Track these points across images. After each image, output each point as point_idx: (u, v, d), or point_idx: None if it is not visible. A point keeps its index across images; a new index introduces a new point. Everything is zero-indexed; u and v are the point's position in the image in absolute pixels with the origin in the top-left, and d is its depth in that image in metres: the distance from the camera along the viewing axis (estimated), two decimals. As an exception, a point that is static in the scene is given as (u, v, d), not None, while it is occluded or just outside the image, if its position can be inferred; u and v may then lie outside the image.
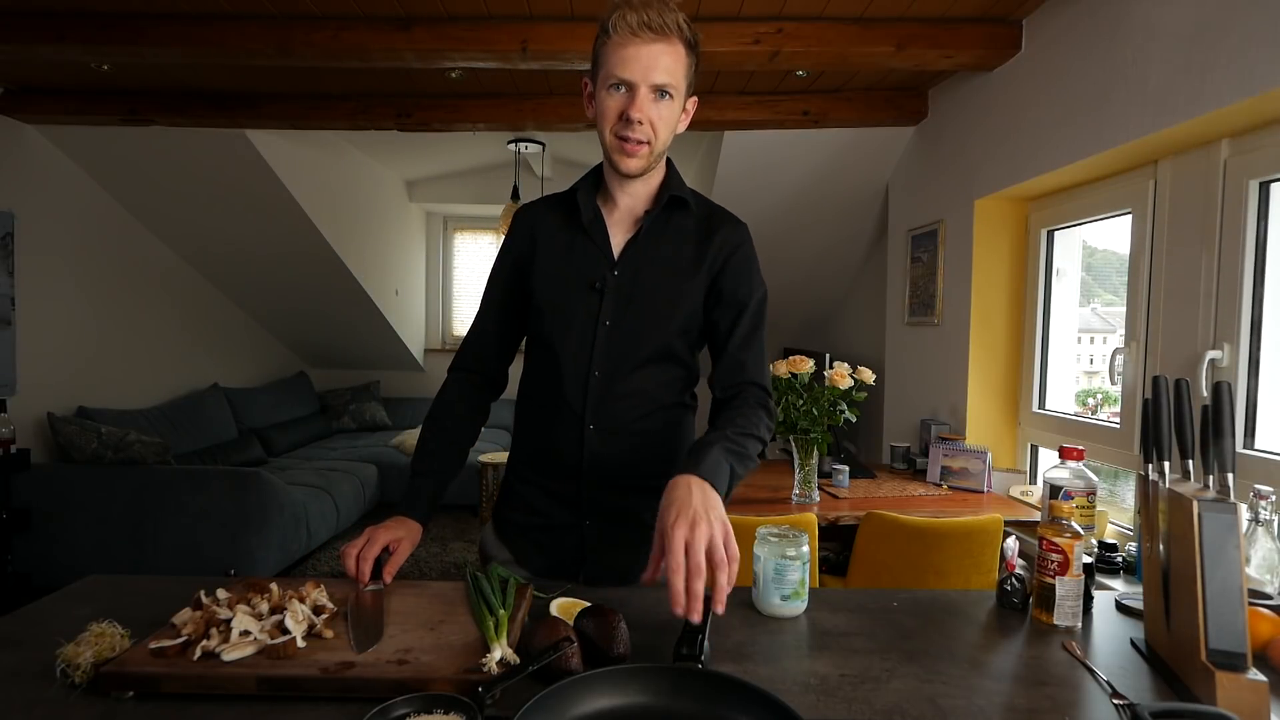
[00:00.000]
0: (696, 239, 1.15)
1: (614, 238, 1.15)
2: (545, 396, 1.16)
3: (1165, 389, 0.94)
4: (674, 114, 1.07)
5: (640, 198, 1.15)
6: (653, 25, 1.00)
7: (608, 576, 1.16)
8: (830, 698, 0.81)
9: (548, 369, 1.15)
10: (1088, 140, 2.02)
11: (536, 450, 1.19)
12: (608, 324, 1.11)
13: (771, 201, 3.69)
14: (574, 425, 1.13)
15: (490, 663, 0.80)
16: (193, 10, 2.34)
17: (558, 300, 1.14)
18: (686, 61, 1.05)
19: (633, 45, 1.01)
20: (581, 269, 1.13)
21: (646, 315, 1.12)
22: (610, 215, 1.16)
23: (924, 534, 1.90)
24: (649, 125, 1.04)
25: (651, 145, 1.06)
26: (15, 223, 3.24)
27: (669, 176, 1.16)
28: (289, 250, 4.31)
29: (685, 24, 1.03)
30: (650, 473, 1.10)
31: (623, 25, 1.00)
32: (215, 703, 0.78)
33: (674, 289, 1.13)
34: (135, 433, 3.35)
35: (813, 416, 2.12)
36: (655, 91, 1.03)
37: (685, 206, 1.16)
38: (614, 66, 1.02)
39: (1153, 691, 0.84)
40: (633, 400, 1.13)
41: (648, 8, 1.00)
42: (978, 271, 2.65)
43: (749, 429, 1.04)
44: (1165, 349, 1.90)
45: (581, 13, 2.34)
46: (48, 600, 1.07)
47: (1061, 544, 1.00)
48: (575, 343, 1.12)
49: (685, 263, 1.13)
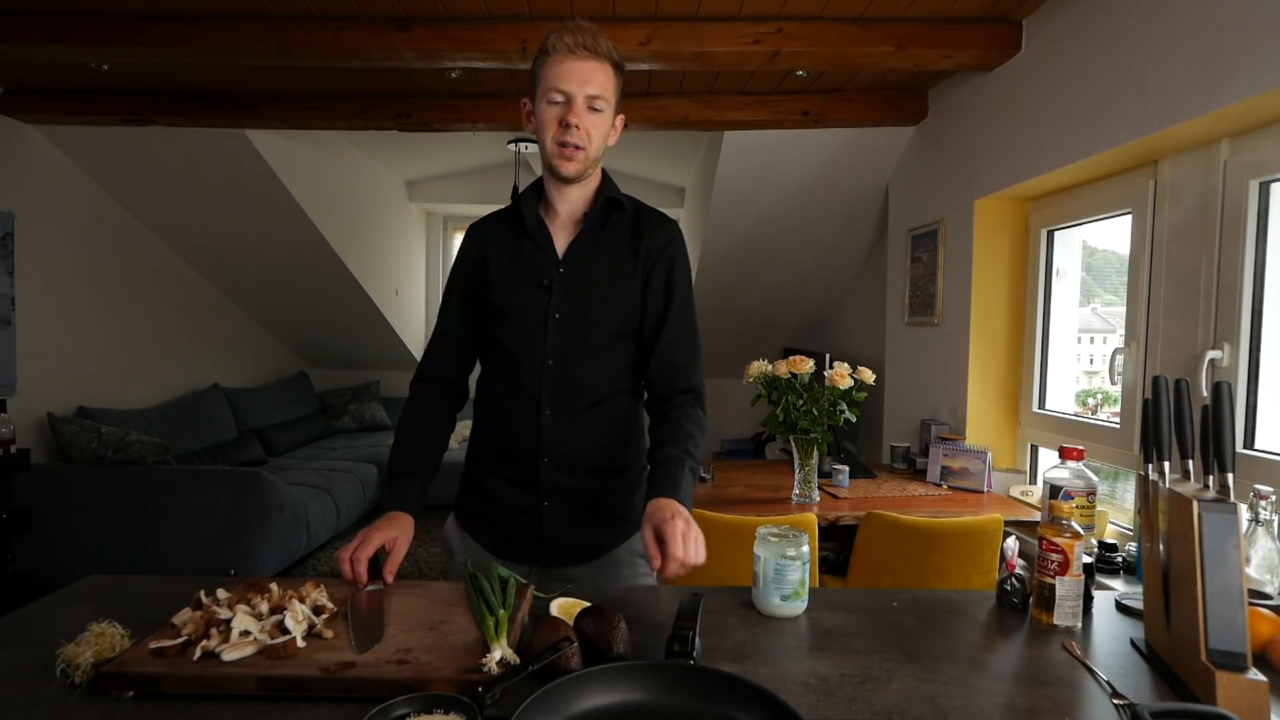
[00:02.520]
0: (631, 237, 1.26)
1: (558, 240, 1.25)
2: (503, 389, 1.25)
3: (1165, 389, 0.94)
4: (605, 124, 1.20)
5: (578, 202, 1.26)
6: (587, 45, 1.14)
7: (568, 556, 1.25)
8: (830, 698, 0.81)
9: (505, 364, 1.24)
10: (1088, 140, 2.02)
11: (496, 440, 1.27)
12: (557, 316, 1.21)
13: (771, 201, 3.69)
14: (532, 413, 1.21)
15: (490, 663, 0.80)
16: (193, 10, 2.34)
17: (510, 300, 1.23)
18: (615, 81, 1.19)
19: (569, 62, 1.14)
20: (530, 270, 1.23)
21: (592, 307, 1.22)
22: (553, 222, 1.26)
23: (924, 534, 1.90)
24: (585, 131, 1.16)
25: (587, 151, 1.17)
26: (15, 223, 3.24)
27: (604, 183, 1.27)
28: (289, 250, 4.31)
29: (613, 49, 1.18)
30: (603, 454, 1.24)
31: (561, 45, 1.14)
32: (215, 703, 0.78)
33: (615, 283, 1.23)
34: (135, 433, 3.35)
35: (813, 416, 2.12)
36: (589, 102, 1.16)
37: (621, 208, 1.27)
38: (553, 80, 1.15)
39: (1153, 691, 0.84)
40: (585, 387, 1.22)
41: (582, 32, 1.14)
42: (978, 271, 2.65)
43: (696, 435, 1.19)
44: (1165, 349, 1.90)
45: (581, 13, 2.33)
46: (48, 600, 1.07)
47: (1061, 544, 1.00)
48: (529, 336, 1.22)
49: (623, 259, 1.24)
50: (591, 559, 1.26)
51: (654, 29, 2.36)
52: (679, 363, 1.24)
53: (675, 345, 1.24)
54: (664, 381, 1.24)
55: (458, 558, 1.30)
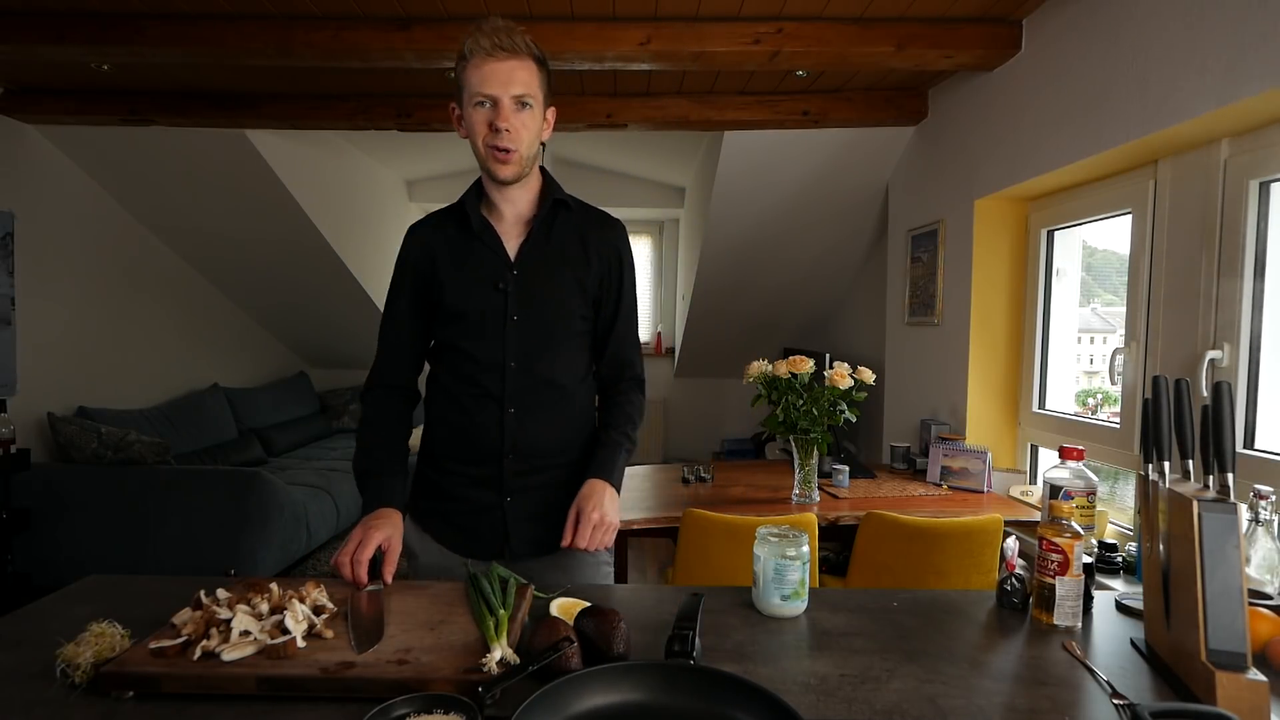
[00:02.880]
0: (579, 237, 1.27)
1: (507, 243, 1.25)
2: (461, 389, 1.25)
3: (1165, 389, 0.94)
4: (536, 121, 1.19)
5: (523, 204, 1.26)
6: (505, 45, 1.13)
7: (532, 550, 1.27)
8: (830, 698, 0.81)
9: (463, 365, 1.25)
10: (1088, 140, 2.02)
11: (457, 440, 1.27)
12: (515, 319, 1.23)
13: (771, 201, 3.69)
14: (495, 412, 1.23)
15: (490, 663, 0.80)
16: (193, 10, 2.34)
17: (466, 304, 1.23)
18: (539, 75, 1.18)
19: (490, 64, 1.13)
20: (483, 273, 1.23)
21: (548, 309, 1.24)
22: (499, 223, 1.26)
23: (924, 534, 1.90)
24: (515, 132, 1.16)
25: (520, 151, 1.17)
26: (15, 223, 3.24)
27: (547, 184, 1.28)
28: (289, 250, 4.31)
29: (532, 44, 1.17)
30: (566, 447, 1.27)
31: (478, 49, 1.13)
32: (215, 703, 0.78)
33: (569, 284, 1.25)
34: (135, 433, 3.35)
35: (813, 416, 2.12)
36: (516, 102, 1.15)
37: (568, 208, 1.28)
38: (477, 85, 1.14)
39: (1153, 691, 0.84)
40: (549, 384, 1.25)
41: (497, 33, 1.13)
42: (978, 271, 2.65)
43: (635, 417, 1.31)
44: (1165, 349, 1.90)
45: (581, 13, 2.34)
46: (48, 600, 1.07)
47: (1061, 544, 1.00)
48: (488, 339, 1.23)
49: (573, 261, 1.26)
50: (554, 551, 1.26)
51: (654, 29, 2.36)
52: (627, 357, 1.33)
53: (624, 341, 1.32)
54: (612, 374, 1.33)
55: (419, 559, 1.29)
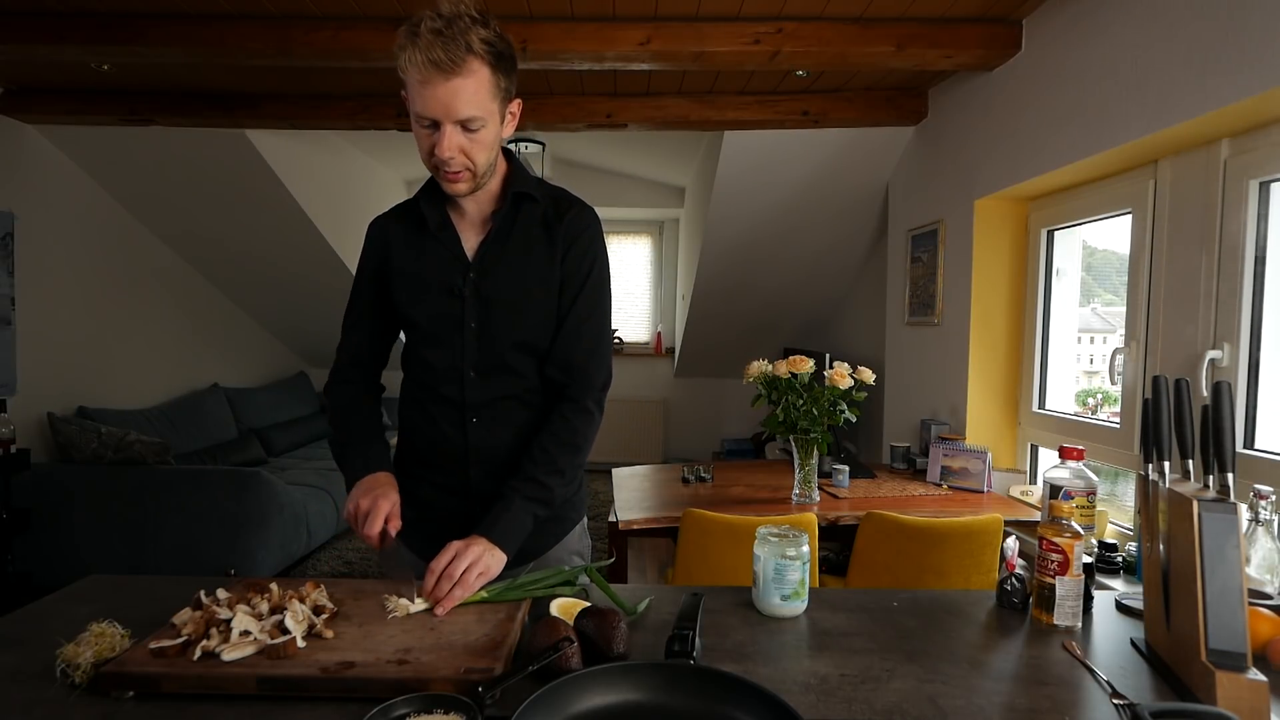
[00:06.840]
0: (546, 227, 1.16)
1: (466, 242, 1.16)
2: (425, 396, 1.21)
3: (1165, 389, 0.94)
4: (489, 136, 1.05)
5: (484, 200, 1.15)
6: (442, 65, 0.95)
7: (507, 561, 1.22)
8: (830, 698, 0.81)
9: (424, 374, 1.19)
10: (1088, 140, 2.02)
11: (423, 448, 1.23)
12: (473, 325, 1.14)
13: (771, 201, 3.68)
14: (457, 420, 1.17)
15: (398, 607, 0.89)
16: (193, 10, 2.34)
17: (420, 312, 1.16)
18: (492, 80, 1.02)
19: (428, 86, 0.97)
20: (438, 275, 1.15)
21: (508, 316, 1.14)
22: (459, 220, 1.17)
23: (924, 534, 1.90)
24: (461, 155, 1.03)
25: (472, 170, 1.06)
26: (15, 223, 3.24)
27: (512, 172, 1.16)
28: (289, 250, 4.31)
29: (480, 41, 0.98)
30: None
31: (412, 67, 0.97)
32: (215, 703, 0.78)
33: (530, 283, 1.15)
34: (135, 433, 3.35)
35: (813, 416, 2.12)
36: (463, 126, 1.01)
37: (533, 201, 1.16)
38: (417, 104, 1.00)
39: (1153, 691, 0.84)
40: (509, 392, 1.17)
41: (434, 46, 0.95)
42: (978, 271, 2.65)
43: (560, 462, 1.12)
44: (1165, 349, 1.90)
45: (581, 13, 2.34)
46: (48, 600, 1.07)
47: (1061, 544, 1.00)
48: (444, 348, 1.16)
49: (539, 256, 1.15)
50: (528, 560, 1.21)
51: (654, 29, 2.36)
52: (575, 361, 1.15)
53: (574, 342, 1.15)
54: (556, 380, 1.17)
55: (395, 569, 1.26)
